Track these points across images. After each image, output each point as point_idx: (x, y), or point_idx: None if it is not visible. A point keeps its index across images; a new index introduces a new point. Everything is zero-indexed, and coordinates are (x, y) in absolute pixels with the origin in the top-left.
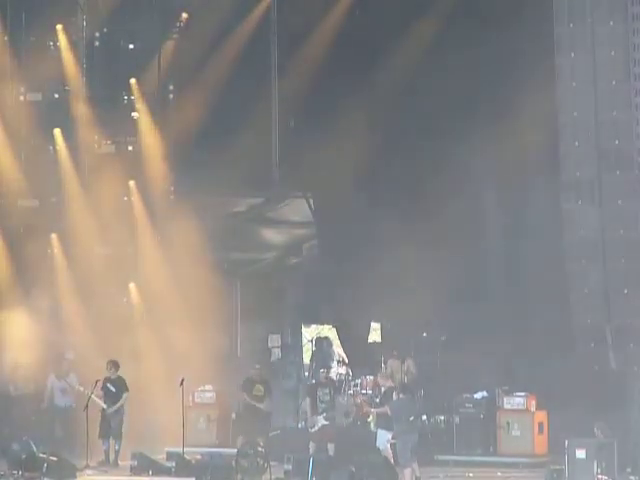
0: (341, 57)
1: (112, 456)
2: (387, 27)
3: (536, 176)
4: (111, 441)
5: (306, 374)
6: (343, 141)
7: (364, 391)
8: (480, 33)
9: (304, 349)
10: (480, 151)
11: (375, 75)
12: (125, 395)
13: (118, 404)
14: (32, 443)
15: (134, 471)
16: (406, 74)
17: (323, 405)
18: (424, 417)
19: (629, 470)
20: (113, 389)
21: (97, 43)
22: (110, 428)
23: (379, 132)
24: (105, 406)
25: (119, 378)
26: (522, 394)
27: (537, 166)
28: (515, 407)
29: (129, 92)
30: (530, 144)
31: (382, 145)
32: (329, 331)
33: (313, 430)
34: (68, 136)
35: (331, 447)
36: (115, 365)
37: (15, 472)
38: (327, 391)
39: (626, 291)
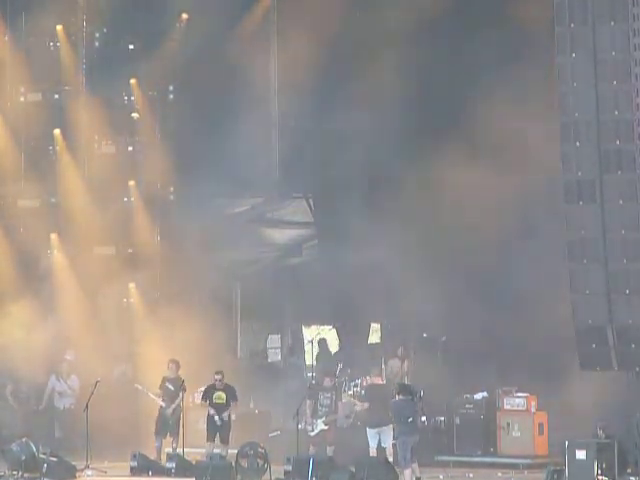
0: (341, 55)
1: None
2: (387, 25)
3: (537, 177)
4: (168, 438)
5: (308, 375)
6: (343, 141)
7: (357, 389)
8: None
9: (304, 350)
10: (480, 156)
11: (375, 73)
12: (183, 395)
13: (175, 403)
14: (32, 444)
15: (134, 472)
16: (406, 72)
17: (324, 409)
18: (423, 418)
19: (629, 471)
20: (172, 388)
21: (97, 43)
22: (167, 426)
23: (380, 131)
24: (163, 404)
25: (178, 378)
26: (522, 395)
27: (537, 166)
28: (515, 408)
29: (129, 92)
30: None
31: (382, 143)
32: (329, 332)
33: (312, 434)
34: (68, 136)
35: (330, 450)
36: (176, 364)
37: (15, 473)
38: (328, 395)
39: (627, 292)
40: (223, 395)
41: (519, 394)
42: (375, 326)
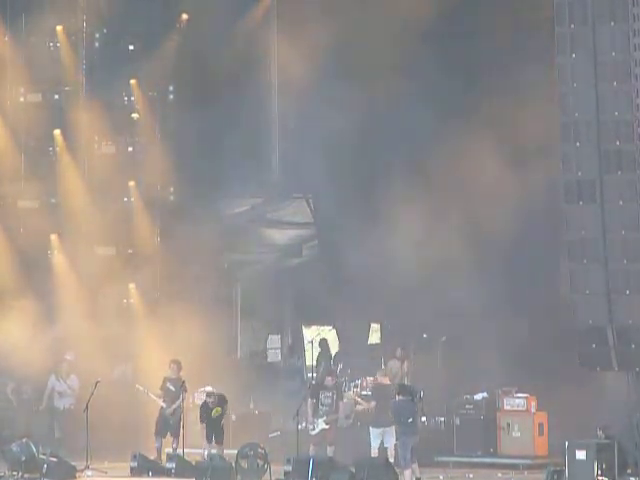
0: (342, 55)
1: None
2: (388, 24)
3: (537, 177)
4: (168, 438)
5: (309, 375)
6: (343, 141)
7: (357, 389)
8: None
9: (304, 350)
10: (479, 155)
11: (376, 73)
12: (183, 396)
13: (176, 404)
14: (32, 444)
15: (134, 472)
16: (406, 72)
17: (325, 408)
18: (423, 418)
19: (629, 471)
20: (173, 388)
21: (97, 44)
22: (168, 426)
23: (380, 130)
24: (164, 405)
25: (179, 378)
26: (522, 395)
27: (538, 167)
28: (515, 408)
29: (129, 93)
30: (531, 143)
31: (383, 143)
32: (329, 332)
33: (313, 433)
34: (68, 137)
35: (330, 450)
36: (178, 365)
37: (15, 473)
38: (329, 394)
39: (628, 292)
40: (219, 409)
41: (519, 394)
42: (375, 326)
